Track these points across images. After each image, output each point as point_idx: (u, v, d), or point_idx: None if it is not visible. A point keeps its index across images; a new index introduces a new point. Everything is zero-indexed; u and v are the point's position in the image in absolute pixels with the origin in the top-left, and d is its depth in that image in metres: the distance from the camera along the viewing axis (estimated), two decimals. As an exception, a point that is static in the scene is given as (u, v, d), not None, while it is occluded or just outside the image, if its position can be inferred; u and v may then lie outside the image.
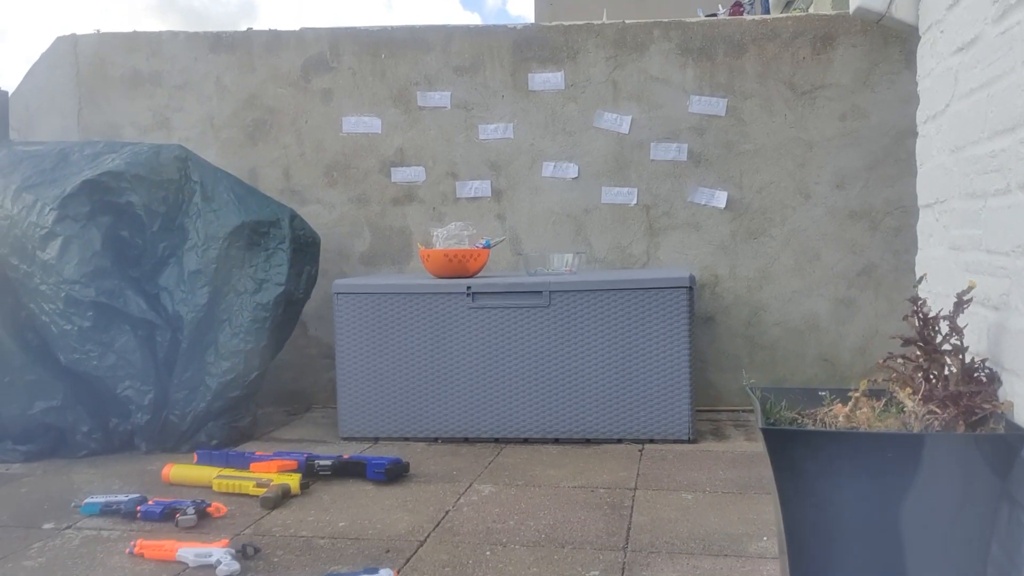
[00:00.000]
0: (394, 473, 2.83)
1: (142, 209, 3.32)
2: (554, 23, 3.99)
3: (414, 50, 3.97)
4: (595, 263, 3.90)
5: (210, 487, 2.76)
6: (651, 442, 3.24)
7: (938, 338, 1.77)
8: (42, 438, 3.19)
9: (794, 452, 1.68)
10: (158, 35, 4.14)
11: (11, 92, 4.05)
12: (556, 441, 3.30)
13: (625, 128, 3.85)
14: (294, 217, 3.53)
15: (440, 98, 3.96)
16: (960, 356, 1.74)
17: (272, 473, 2.79)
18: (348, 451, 3.13)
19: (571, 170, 3.89)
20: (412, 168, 4.00)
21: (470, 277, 3.44)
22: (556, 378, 3.26)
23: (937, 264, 2.46)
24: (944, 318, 1.77)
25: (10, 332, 3.19)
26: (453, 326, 3.31)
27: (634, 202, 3.86)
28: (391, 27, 4.01)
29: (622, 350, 3.22)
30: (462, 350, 3.31)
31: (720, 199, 3.80)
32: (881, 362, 1.82)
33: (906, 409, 1.73)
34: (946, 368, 1.75)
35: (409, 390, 3.36)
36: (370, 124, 4.01)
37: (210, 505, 2.53)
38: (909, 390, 1.75)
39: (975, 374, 1.74)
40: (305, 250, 3.53)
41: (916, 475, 1.62)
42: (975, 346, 1.93)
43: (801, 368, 3.79)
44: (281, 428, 3.67)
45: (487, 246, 3.53)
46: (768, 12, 6.05)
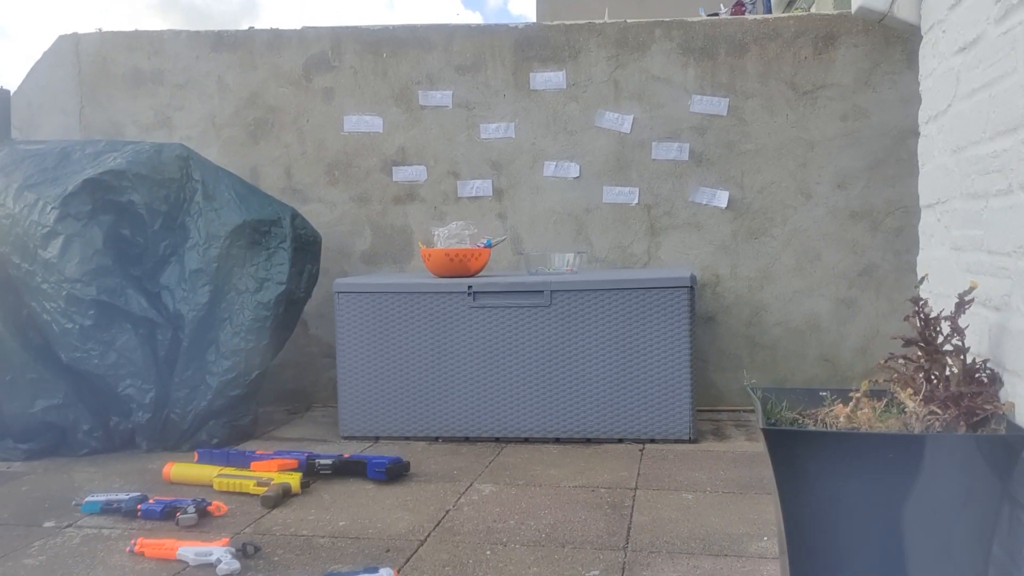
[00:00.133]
0: (395, 472, 2.83)
1: (143, 208, 3.32)
2: (555, 22, 3.99)
3: (416, 49, 3.97)
4: (596, 263, 3.90)
5: (211, 486, 2.77)
6: (652, 442, 3.24)
7: (939, 339, 1.77)
8: (43, 436, 3.19)
9: (795, 452, 1.68)
10: (160, 34, 4.14)
11: (13, 91, 4.06)
12: (557, 441, 3.30)
13: (626, 128, 3.84)
14: (295, 216, 3.53)
15: (441, 97, 3.96)
16: (961, 357, 1.74)
17: (273, 472, 2.79)
18: (349, 450, 3.14)
19: (572, 169, 3.89)
20: (413, 167, 4.00)
21: (471, 276, 3.44)
22: (557, 378, 3.26)
23: (938, 264, 2.46)
24: (945, 319, 1.77)
25: (11, 331, 3.19)
26: (454, 325, 3.31)
27: (635, 202, 3.86)
28: (393, 26, 4.01)
29: (623, 350, 3.22)
30: (463, 349, 3.31)
31: (721, 199, 3.80)
32: (882, 362, 1.82)
33: (907, 410, 1.73)
34: (947, 369, 1.75)
35: (410, 389, 3.36)
36: (372, 123, 4.01)
37: (211, 504, 2.54)
38: (910, 391, 1.75)
39: (976, 375, 1.74)
40: (306, 249, 3.53)
41: (917, 476, 1.62)
42: (976, 347, 1.93)
43: (802, 368, 3.79)
44: (282, 427, 3.67)
45: (488, 245, 3.53)
46: (770, 11, 6.05)
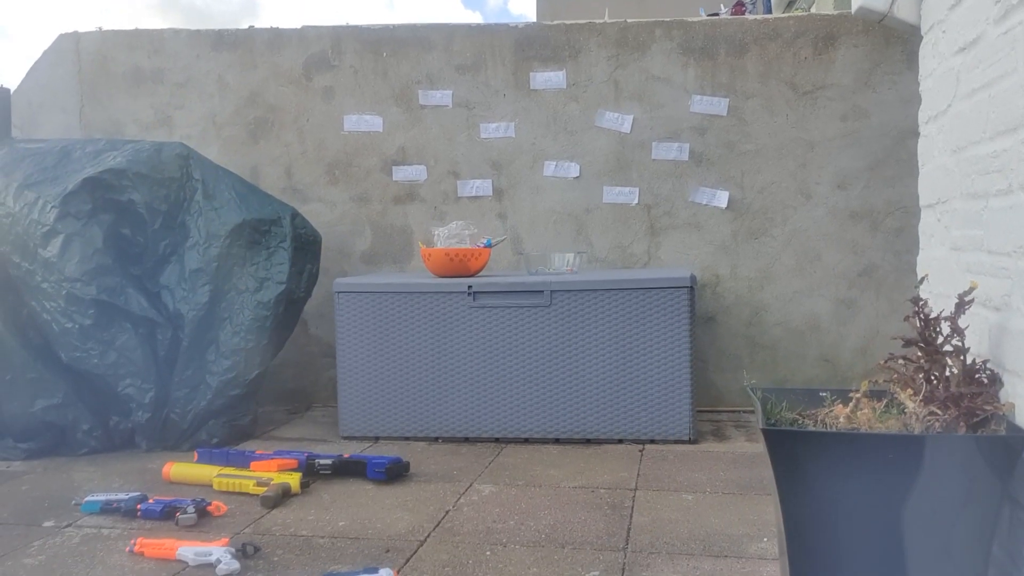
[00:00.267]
0: (394, 472, 2.83)
1: (144, 207, 3.32)
2: (556, 22, 3.99)
3: (416, 49, 3.97)
4: (596, 263, 3.90)
5: (210, 486, 2.76)
6: (652, 442, 3.24)
7: (939, 339, 1.77)
8: (43, 436, 3.19)
9: (795, 453, 1.68)
10: (160, 33, 4.14)
11: (13, 89, 4.06)
12: (557, 441, 3.30)
13: (627, 127, 3.84)
14: (295, 215, 3.52)
15: (442, 97, 3.96)
16: (961, 357, 1.74)
17: (272, 472, 2.79)
18: (348, 450, 3.13)
19: (572, 169, 3.89)
20: (413, 167, 4.00)
21: (471, 276, 3.43)
22: (557, 378, 3.26)
23: (938, 265, 2.45)
24: (945, 319, 1.77)
25: (11, 330, 3.19)
26: (454, 325, 3.30)
27: (635, 202, 3.86)
28: (393, 26, 4.00)
29: (623, 350, 3.22)
30: (463, 349, 3.31)
31: (721, 199, 3.80)
32: (882, 363, 1.82)
33: (907, 410, 1.73)
34: (947, 369, 1.75)
35: (410, 389, 3.35)
36: (372, 123, 4.01)
37: (210, 504, 2.54)
38: (910, 391, 1.75)
39: (976, 375, 1.74)
40: (306, 248, 3.53)
41: (917, 476, 1.61)
42: (976, 347, 1.93)
43: (802, 368, 3.79)
44: (281, 427, 3.67)
45: (488, 245, 3.52)
46: (770, 12, 6.06)
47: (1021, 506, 1.65)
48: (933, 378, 1.74)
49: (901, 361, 1.80)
